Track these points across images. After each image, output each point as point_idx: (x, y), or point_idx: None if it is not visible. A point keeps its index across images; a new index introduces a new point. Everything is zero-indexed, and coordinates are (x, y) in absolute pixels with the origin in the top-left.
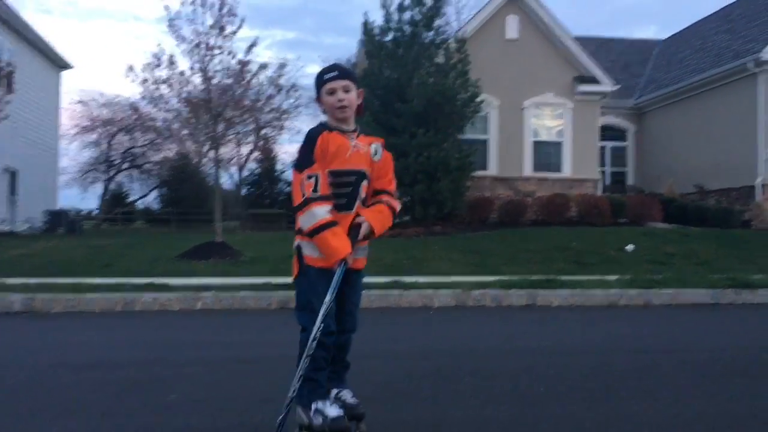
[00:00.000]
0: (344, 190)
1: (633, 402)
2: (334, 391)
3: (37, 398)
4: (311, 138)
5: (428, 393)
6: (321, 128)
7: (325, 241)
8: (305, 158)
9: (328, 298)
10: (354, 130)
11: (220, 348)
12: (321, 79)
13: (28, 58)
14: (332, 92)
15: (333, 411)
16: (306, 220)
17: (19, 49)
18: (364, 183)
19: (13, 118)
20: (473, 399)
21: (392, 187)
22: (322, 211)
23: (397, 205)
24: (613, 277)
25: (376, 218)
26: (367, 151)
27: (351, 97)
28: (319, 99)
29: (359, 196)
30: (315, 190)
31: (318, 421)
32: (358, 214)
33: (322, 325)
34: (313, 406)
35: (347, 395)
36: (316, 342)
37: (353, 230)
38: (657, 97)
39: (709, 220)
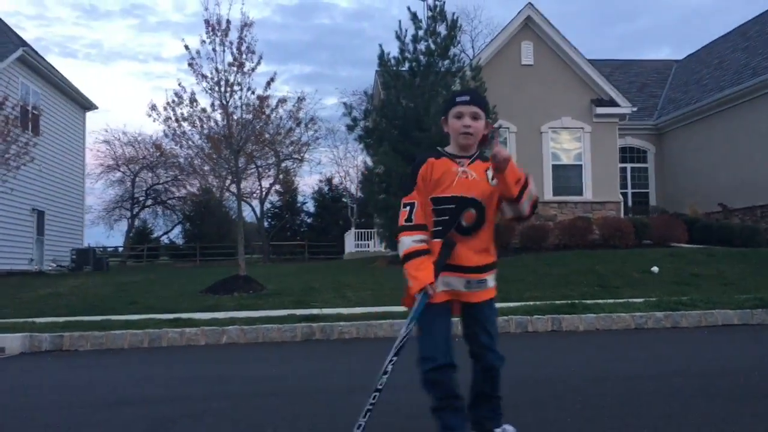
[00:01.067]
0: (443, 217)
1: (659, 429)
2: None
3: None
4: (417, 164)
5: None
6: (429, 154)
7: (408, 270)
8: (407, 185)
9: (403, 331)
10: (470, 156)
11: (247, 382)
12: (452, 101)
13: (53, 100)
14: (459, 116)
15: None
16: (399, 249)
17: (45, 93)
18: (468, 211)
19: (40, 159)
20: None
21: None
22: (408, 241)
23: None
24: (638, 300)
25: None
26: (479, 178)
27: (478, 125)
28: (445, 120)
29: (459, 225)
30: (408, 219)
31: None
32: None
33: (425, 361)
34: None
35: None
36: (386, 376)
37: (444, 248)
38: (676, 117)
39: (735, 239)
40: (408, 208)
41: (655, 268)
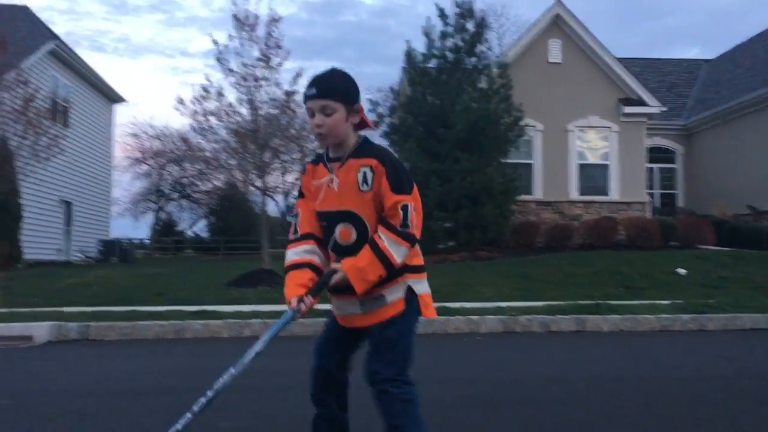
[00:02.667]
0: (326, 233)
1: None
2: None
3: (94, 424)
4: (301, 171)
5: (474, 421)
6: (311, 159)
7: (285, 284)
8: (298, 192)
9: (257, 347)
10: (340, 157)
11: (268, 375)
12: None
13: (83, 93)
14: (312, 114)
15: None
16: None
17: (74, 85)
18: (342, 227)
19: (69, 151)
20: (520, 428)
21: (393, 214)
22: (290, 254)
23: (391, 242)
24: (664, 302)
25: (353, 269)
26: (348, 185)
27: (333, 120)
28: None
29: (336, 245)
30: (295, 231)
31: None
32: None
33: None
34: None
35: None
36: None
37: (324, 276)
38: (706, 118)
39: (764, 242)
40: (294, 218)
41: (681, 270)
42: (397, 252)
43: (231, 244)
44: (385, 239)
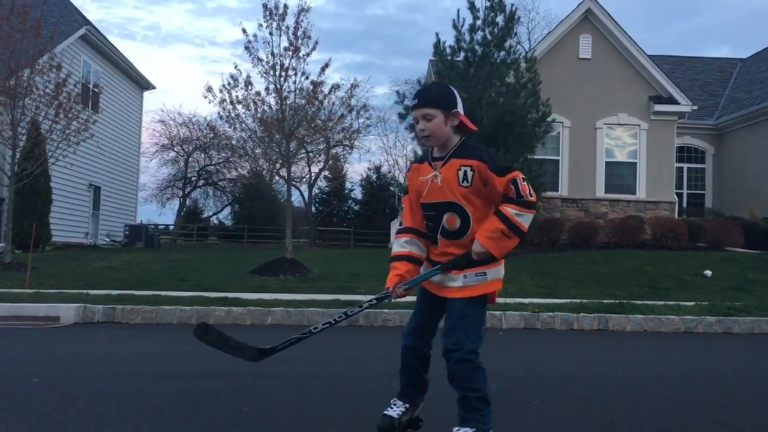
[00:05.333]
0: (429, 223)
1: None
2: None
3: (118, 406)
4: (407, 169)
5: (495, 416)
6: (417, 158)
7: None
8: (405, 189)
9: (350, 312)
10: (443, 157)
11: (290, 363)
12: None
13: (113, 79)
14: (417, 121)
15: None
16: None
17: (105, 71)
18: (449, 215)
19: (98, 136)
20: (540, 425)
21: (507, 191)
22: (396, 245)
23: (515, 211)
24: (690, 303)
25: (486, 238)
26: (450, 180)
27: (433, 125)
28: None
29: (444, 230)
30: (401, 224)
31: None
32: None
33: (402, 336)
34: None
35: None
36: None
37: (457, 258)
38: (738, 118)
39: None
40: (401, 212)
41: (708, 272)
42: (522, 218)
43: (254, 232)
44: (509, 209)
